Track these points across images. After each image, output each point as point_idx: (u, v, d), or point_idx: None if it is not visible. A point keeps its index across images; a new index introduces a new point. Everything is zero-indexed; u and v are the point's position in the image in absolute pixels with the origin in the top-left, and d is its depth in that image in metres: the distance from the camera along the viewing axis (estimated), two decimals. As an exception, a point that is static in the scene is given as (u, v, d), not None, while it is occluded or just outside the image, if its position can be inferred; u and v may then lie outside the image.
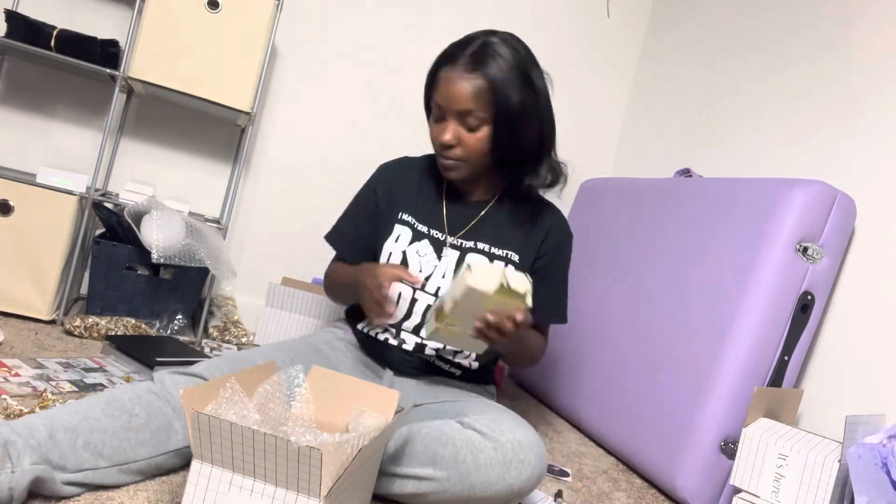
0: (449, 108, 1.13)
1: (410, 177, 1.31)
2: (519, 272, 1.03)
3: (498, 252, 1.23)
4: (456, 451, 0.96)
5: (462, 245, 1.23)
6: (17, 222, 1.54)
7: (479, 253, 1.22)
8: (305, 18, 2.05)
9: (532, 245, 1.27)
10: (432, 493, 0.97)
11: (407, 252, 1.22)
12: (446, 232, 1.24)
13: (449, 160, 1.17)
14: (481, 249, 1.23)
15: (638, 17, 2.49)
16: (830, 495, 1.01)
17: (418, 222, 1.25)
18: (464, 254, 1.22)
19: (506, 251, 1.24)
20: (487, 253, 1.23)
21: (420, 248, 1.22)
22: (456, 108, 1.12)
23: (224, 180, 2.02)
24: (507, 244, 1.25)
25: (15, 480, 0.74)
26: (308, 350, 1.20)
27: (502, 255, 1.23)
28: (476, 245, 1.23)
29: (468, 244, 1.23)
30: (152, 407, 0.92)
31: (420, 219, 1.25)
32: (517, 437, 0.97)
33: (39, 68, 1.82)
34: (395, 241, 1.23)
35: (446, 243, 1.23)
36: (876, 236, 1.40)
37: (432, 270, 1.21)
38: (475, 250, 1.23)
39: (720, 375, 1.34)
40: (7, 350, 1.32)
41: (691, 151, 2.07)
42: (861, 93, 1.52)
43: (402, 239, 1.23)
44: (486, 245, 1.23)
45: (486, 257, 1.22)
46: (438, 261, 1.21)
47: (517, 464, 0.96)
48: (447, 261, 1.21)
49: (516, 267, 1.23)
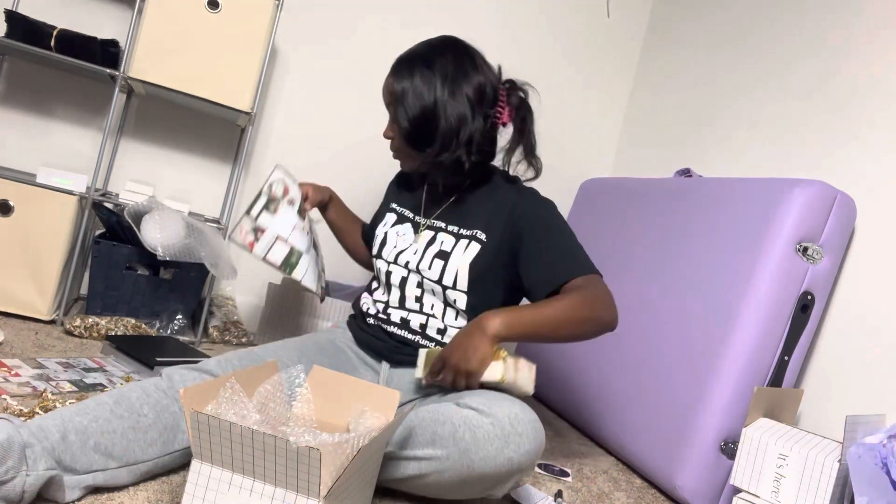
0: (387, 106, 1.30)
1: (409, 175, 1.46)
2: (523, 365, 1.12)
3: (465, 231, 1.29)
4: (454, 429, 0.96)
5: (434, 225, 1.33)
6: (17, 222, 1.55)
7: (446, 233, 1.30)
8: (305, 18, 2.05)
9: (498, 221, 1.26)
10: (433, 472, 0.97)
11: (388, 232, 1.36)
12: (421, 215, 1.36)
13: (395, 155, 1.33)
14: (451, 230, 1.30)
15: (638, 17, 2.48)
16: (830, 495, 1.01)
17: (402, 208, 1.40)
18: (436, 234, 1.31)
19: (473, 230, 1.28)
20: (455, 233, 1.29)
21: (400, 229, 1.35)
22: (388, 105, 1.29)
23: (224, 180, 2.02)
24: (474, 224, 1.29)
25: (29, 483, 0.75)
26: (315, 349, 1.22)
27: (469, 234, 1.28)
28: (447, 227, 1.32)
29: (439, 224, 1.33)
30: (160, 406, 0.92)
31: (403, 205, 1.40)
32: (514, 412, 0.98)
33: (39, 68, 1.82)
34: (383, 225, 1.39)
35: (420, 224, 1.34)
36: (876, 236, 1.40)
37: (406, 246, 1.31)
38: (444, 231, 1.31)
39: (720, 375, 1.34)
40: (7, 350, 1.32)
41: (691, 151, 2.07)
42: (861, 93, 1.52)
43: (387, 222, 1.38)
44: (455, 226, 1.31)
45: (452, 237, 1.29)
46: (415, 240, 1.32)
47: (515, 437, 0.96)
48: (421, 240, 1.31)
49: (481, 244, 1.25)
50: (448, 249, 1.26)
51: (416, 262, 1.27)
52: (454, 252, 1.25)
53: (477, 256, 1.24)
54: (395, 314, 1.28)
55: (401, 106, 1.24)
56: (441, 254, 1.26)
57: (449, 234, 1.29)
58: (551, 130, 2.41)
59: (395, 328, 1.28)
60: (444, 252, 1.26)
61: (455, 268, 1.24)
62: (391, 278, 1.30)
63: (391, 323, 1.28)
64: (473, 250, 1.25)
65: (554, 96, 2.40)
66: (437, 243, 1.28)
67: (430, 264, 1.26)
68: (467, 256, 1.24)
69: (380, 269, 1.33)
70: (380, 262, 1.33)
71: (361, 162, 2.15)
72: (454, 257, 1.25)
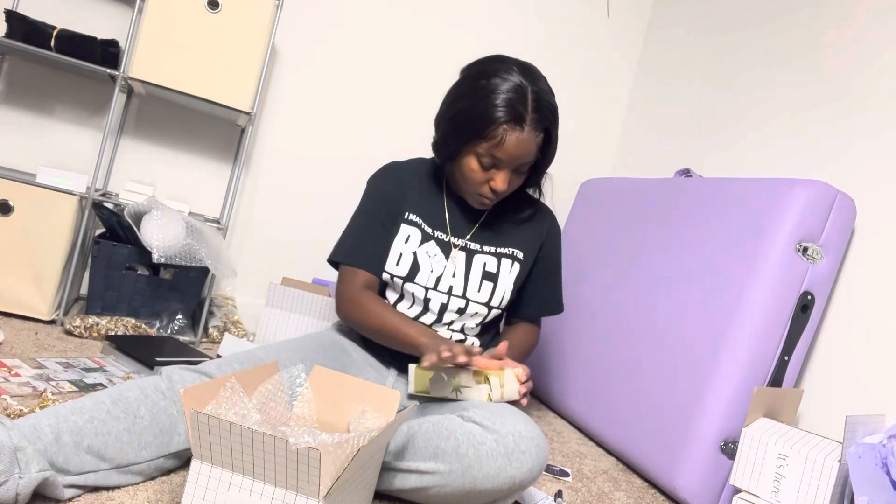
0: (510, 163, 1.18)
1: (411, 180, 1.34)
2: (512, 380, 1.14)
3: (504, 251, 1.32)
4: (457, 445, 0.96)
5: (468, 247, 1.30)
6: (17, 222, 1.55)
7: (485, 254, 1.30)
8: (305, 18, 2.05)
9: (534, 243, 1.36)
10: (434, 486, 0.97)
11: (417, 253, 1.27)
12: (450, 234, 1.30)
13: (492, 201, 1.25)
14: (488, 251, 1.30)
15: (638, 17, 2.49)
16: (830, 495, 1.01)
17: (425, 223, 1.30)
18: (470, 255, 1.29)
19: (511, 249, 1.33)
20: (494, 253, 1.31)
21: (429, 249, 1.27)
22: (519, 163, 1.19)
23: (224, 180, 2.02)
24: (511, 243, 1.33)
25: (22, 486, 0.75)
26: (316, 349, 1.21)
27: (508, 252, 1.32)
28: (482, 248, 1.31)
29: (474, 245, 1.30)
30: (158, 407, 0.92)
31: (426, 220, 1.30)
32: (518, 429, 0.98)
33: (39, 68, 1.82)
34: (404, 242, 1.28)
35: (453, 245, 1.29)
36: (876, 236, 1.40)
37: (442, 271, 1.27)
38: (482, 252, 1.30)
39: (720, 375, 1.34)
40: (7, 350, 1.32)
41: (691, 151, 2.07)
42: (861, 93, 1.52)
43: (411, 240, 1.28)
44: (491, 247, 1.31)
45: (494, 257, 1.30)
46: (447, 262, 1.28)
47: (518, 455, 0.96)
48: (455, 262, 1.28)
49: (520, 263, 1.33)
50: (494, 271, 1.29)
51: (460, 286, 1.27)
52: (501, 273, 1.29)
53: (518, 275, 1.32)
54: None
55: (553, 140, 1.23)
56: (488, 276, 1.28)
57: (488, 255, 1.30)
58: (551, 130, 2.41)
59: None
60: (491, 274, 1.29)
61: (504, 289, 1.30)
62: (430, 304, 1.27)
63: None
64: (516, 269, 1.32)
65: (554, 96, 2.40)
66: (479, 265, 1.28)
67: (479, 287, 1.27)
68: (512, 276, 1.31)
69: (413, 294, 1.27)
70: (413, 286, 1.26)
71: (362, 162, 2.14)
72: (502, 278, 1.29)
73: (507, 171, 1.20)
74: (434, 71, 2.20)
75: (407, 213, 1.30)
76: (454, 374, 1.15)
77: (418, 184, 1.34)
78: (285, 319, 1.85)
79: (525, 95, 1.16)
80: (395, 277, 1.27)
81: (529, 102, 1.16)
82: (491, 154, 1.17)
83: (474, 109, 1.16)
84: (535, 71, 1.21)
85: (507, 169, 1.19)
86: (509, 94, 1.15)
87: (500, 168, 1.19)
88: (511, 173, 1.21)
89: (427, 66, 2.19)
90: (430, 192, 1.33)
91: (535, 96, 1.17)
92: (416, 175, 1.35)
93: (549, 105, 1.19)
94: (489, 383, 1.14)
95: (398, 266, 1.27)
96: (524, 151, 1.17)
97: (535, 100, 1.16)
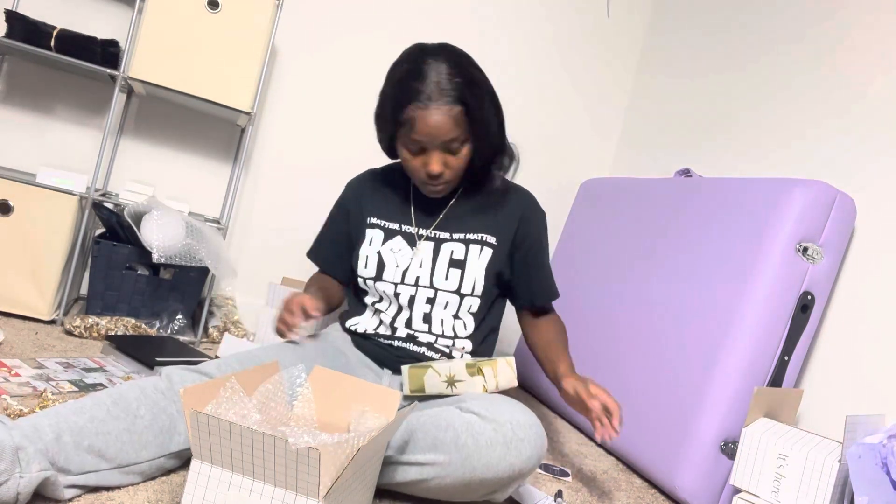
0: (432, 143, 1.16)
1: (376, 185, 1.38)
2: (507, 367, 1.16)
3: (473, 237, 1.29)
4: (456, 435, 0.96)
5: (436, 236, 1.29)
6: (17, 222, 1.55)
7: (453, 241, 1.28)
8: (305, 18, 2.05)
9: (508, 227, 1.32)
10: (435, 477, 0.97)
11: (381, 252, 1.29)
12: (415, 225, 1.31)
13: (437, 186, 1.22)
14: (456, 238, 1.29)
15: (638, 17, 2.49)
16: (830, 495, 1.01)
17: (388, 222, 1.32)
18: (438, 244, 1.28)
19: (480, 234, 1.30)
20: (463, 240, 1.29)
21: (393, 245, 1.29)
22: (440, 141, 1.15)
23: (224, 180, 2.02)
24: (480, 228, 1.31)
25: (22, 486, 0.75)
26: (314, 349, 1.21)
27: (477, 238, 1.29)
28: (452, 235, 1.29)
29: (442, 234, 1.29)
30: (158, 407, 0.92)
31: (389, 218, 1.32)
32: (516, 417, 0.98)
33: (39, 68, 1.82)
34: (368, 245, 1.30)
35: (418, 236, 1.29)
36: (876, 236, 1.40)
37: (408, 263, 1.27)
38: (450, 240, 1.29)
39: (720, 375, 1.34)
40: (7, 350, 1.32)
41: (691, 151, 2.07)
42: (861, 93, 1.52)
43: (374, 241, 1.30)
44: (460, 234, 1.30)
45: (462, 244, 1.28)
46: (413, 253, 1.28)
47: (517, 443, 0.96)
48: (422, 252, 1.28)
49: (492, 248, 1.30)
50: (461, 258, 1.27)
51: (427, 276, 1.26)
52: (469, 259, 1.27)
53: (491, 260, 1.29)
54: (402, 330, 1.28)
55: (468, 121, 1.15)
56: (455, 263, 1.27)
57: (456, 242, 1.28)
58: (551, 130, 2.41)
59: (400, 342, 1.28)
60: (458, 261, 1.27)
61: (473, 275, 1.27)
62: (400, 299, 1.28)
63: (396, 338, 1.28)
64: (486, 255, 1.29)
65: (554, 96, 2.40)
66: (446, 253, 1.27)
67: (447, 275, 1.26)
68: (482, 261, 1.28)
69: (384, 292, 1.29)
70: (383, 284, 1.28)
71: (362, 162, 2.14)
72: (470, 264, 1.27)
73: (436, 151, 1.17)
74: (434, 71, 2.19)
75: (368, 218, 1.33)
76: (447, 368, 1.15)
77: (385, 187, 1.36)
78: (285, 319, 1.85)
79: (425, 72, 1.13)
80: (366, 280, 1.29)
81: (430, 77, 1.13)
82: (410, 137, 1.16)
83: (385, 98, 1.19)
84: (447, 48, 1.18)
85: (436, 150, 1.17)
86: (411, 74, 1.14)
87: (427, 150, 1.18)
88: (442, 154, 1.18)
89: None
90: (398, 192, 1.35)
91: (437, 70, 1.14)
92: (383, 180, 1.38)
93: (460, 76, 1.14)
94: (483, 374, 1.14)
95: (366, 268, 1.29)
96: (440, 128, 1.13)
97: (437, 73, 1.13)
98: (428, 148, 1.17)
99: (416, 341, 1.27)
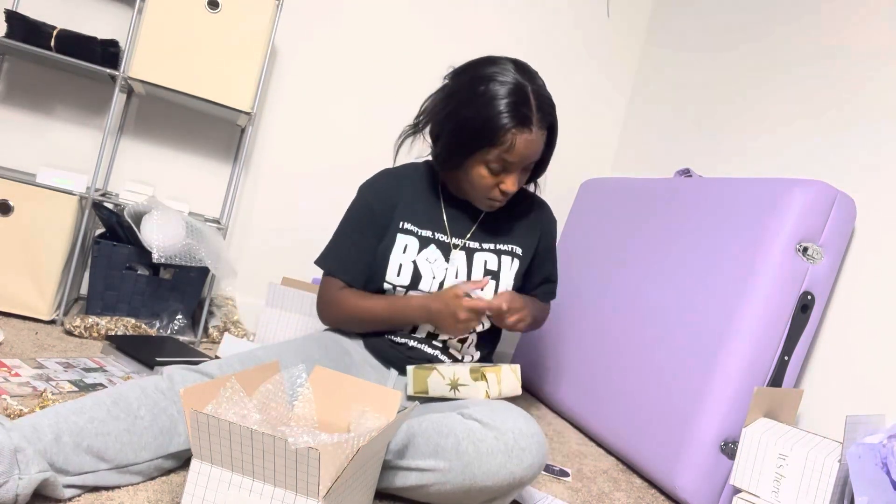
0: (521, 164, 1.19)
1: (402, 187, 1.32)
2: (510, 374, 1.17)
3: (503, 247, 1.32)
4: (457, 442, 0.96)
5: (468, 246, 1.30)
6: (17, 222, 1.55)
7: (486, 252, 1.30)
8: (305, 18, 2.05)
9: (532, 238, 1.38)
10: (435, 483, 0.97)
11: (417, 261, 1.26)
12: (449, 235, 1.30)
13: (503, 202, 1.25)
14: (487, 248, 1.31)
15: (638, 17, 2.49)
16: (830, 495, 1.01)
17: (420, 229, 1.28)
18: (470, 254, 1.29)
19: (510, 245, 1.33)
20: (494, 250, 1.31)
21: (429, 255, 1.27)
22: (529, 162, 1.20)
23: (224, 180, 2.02)
24: (510, 240, 1.34)
25: (22, 487, 0.75)
26: (317, 349, 1.21)
27: (507, 249, 1.33)
28: (482, 245, 1.31)
29: (474, 244, 1.30)
30: (158, 408, 0.91)
31: (422, 225, 1.29)
32: (518, 426, 0.98)
33: (39, 68, 1.82)
34: (402, 252, 1.26)
35: (453, 246, 1.29)
36: (876, 236, 1.40)
37: (444, 275, 1.27)
38: (481, 250, 1.30)
39: (720, 375, 1.34)
40: (7, 350, 1.32)
41: (691, 151, 2.07)
42: (861, 93, 1.52)
43: (409, 249, 1.26)
44: (491, 244, 1.31)
45: (494, 254, 1.31)
46: (448, 264, 1.27)
47: (518, 452, 0.96)
48: (456, 263, 1.28)
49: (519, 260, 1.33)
50: (495, 268, 1.29)
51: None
52: (502, 270, 1.30)
53: (518, 270, 1.32)
54: (422, 331, 1.29)
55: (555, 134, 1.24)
56: (489, 273, 1.29)
57: (488, 253, 1.30)
58: (551, 130, 2.41)
59: (416, 342, 1.28)
60: (492, 271, 1.29)
61: (505, 285, 1.30)
62: None
63: (413, 338, 1.29)
64: (515, 265, 1.32)
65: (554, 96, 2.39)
66: (479, 263, 1.28)
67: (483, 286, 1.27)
68: (512, 272, 1.31)
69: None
70: (416, 293, 1.26)
71: (362, 162, 2.14)
72: (503, 275, 1.30)
73: (517, 173, 1.20)
74: (434, 71, 2.19)
75: (400, 223, 1.28)
76: (451, 372, 1.15)
77: (412, 190, 1.32)
78: (285, 319, 1.85)
79: (527, 96, 1.15)
80: (397, 288, 1.26)
81: (532, 102, 1.15)
82: (501, 159, 1.16)
83: (479, 118, 1.14)
84: (528, 68, 1.20)
85: (517, 171, 1.20)
86: (512, 97, 1.13)
87: (510, 171, 1.19)
88: (521, 173, 1.22)
89: (427, 66, 2.19)
90: (426, 197, 1.32)
91: (536, 94, 1.16)
92: (408, 182, 1.33)
93: (549, 100, 1.19)
94: (486, 380, 1.14)
95: (399, 276, 1.25)
96: (533, 151, 1.18)
97: (536, 98, 1.16)
98: (511, 168, 1.19)
99: (431, 344, 1.29)
